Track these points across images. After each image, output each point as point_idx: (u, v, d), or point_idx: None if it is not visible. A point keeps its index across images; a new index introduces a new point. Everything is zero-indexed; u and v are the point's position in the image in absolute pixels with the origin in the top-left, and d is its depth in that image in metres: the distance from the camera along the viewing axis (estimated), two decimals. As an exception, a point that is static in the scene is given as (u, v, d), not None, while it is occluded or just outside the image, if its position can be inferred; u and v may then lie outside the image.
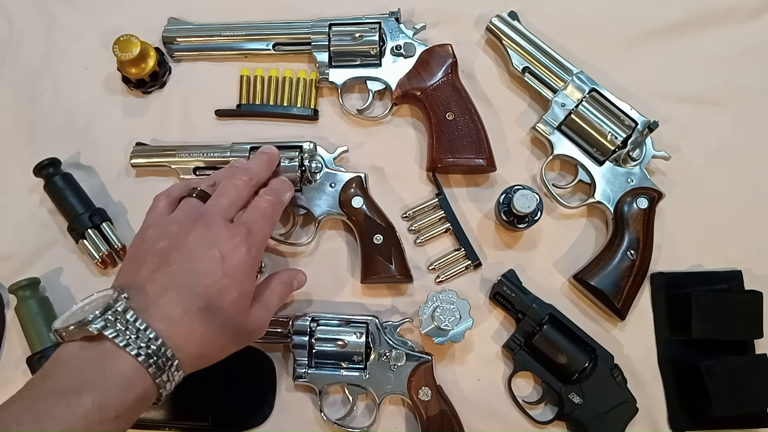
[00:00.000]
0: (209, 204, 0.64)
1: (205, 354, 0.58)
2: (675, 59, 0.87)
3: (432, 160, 0.81)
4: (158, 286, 0.57)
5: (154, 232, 0.62)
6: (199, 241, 0.59)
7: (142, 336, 0.53)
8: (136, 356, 0.52)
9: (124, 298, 0.54)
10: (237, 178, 0.67)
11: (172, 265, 0.58)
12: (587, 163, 0.80)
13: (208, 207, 0.64)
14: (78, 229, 0.80)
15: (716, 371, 0.73)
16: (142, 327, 0.53)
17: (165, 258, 0.58)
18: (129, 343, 0.52)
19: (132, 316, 0.53)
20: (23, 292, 0.78)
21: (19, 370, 0.79)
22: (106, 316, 0.52)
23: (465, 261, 0.81)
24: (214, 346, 0.59)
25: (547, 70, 0.82)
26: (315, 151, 0.81)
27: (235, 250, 0.60)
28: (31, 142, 0.86)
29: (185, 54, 0.88)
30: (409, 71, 0.83)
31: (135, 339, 0.52)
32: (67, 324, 0.53)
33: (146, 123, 0.87)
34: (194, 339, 0.56)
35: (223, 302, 0.58)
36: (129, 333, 0.52)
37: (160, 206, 0.66)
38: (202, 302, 0.57)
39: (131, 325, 0.53)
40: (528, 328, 0.77)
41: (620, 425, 0.74)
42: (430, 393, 0.74)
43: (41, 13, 0.90)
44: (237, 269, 0.60)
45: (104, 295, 0.55)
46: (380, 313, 0.80)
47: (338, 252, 0.83)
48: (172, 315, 0.55)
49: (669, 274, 0.81)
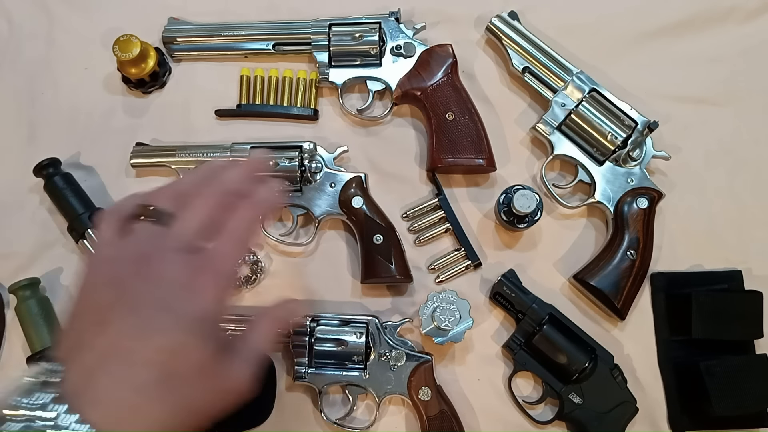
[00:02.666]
0: (172, 231, 0.48)
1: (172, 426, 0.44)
2: (675, 59, 0.87)
3: (432, 160, 0.81)
4: (96, 356, 0.43)
5: (95, 275, 0.47)
6: (151, 288, 0.45)
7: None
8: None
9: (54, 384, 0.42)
10: (209, 194, 0.50)
11: (115, 325, 0.43)
12: (587, 163, 0.80)
13: (170, 235, 0.47)
14: (78, 229, 0.80)
15: (716, 371, 0.73)
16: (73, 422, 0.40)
17: (105, 316, 0.44)
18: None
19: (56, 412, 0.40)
20: (23, 292, 0.78)
21: (19, 370, 0.79)
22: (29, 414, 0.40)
23: (465, 261, 0.81)
24: (180, 426, 0.44)
25: (547, 70, 0.82)
26: (315, 151, 0.81)
27: (198, 296, 0.46)
28: (31, 142, 0.86)
29: (185, 54, 0.88)
30: (409, 71, 0.83)
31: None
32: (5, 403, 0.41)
33: (146, 123, 0.87)
34: (150, 423, 0.42)
35: (184, 367, 0.44)
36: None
37: (104, 233, 0.49)
38: (156, 372, 0.43)
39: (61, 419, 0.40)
40: (528, 328, 0.77)
41: (620, 425, 0.74)
42: (430, 393, 0.74)
43: (41, 13, 0.90)
44: (201, 322, 0.45)
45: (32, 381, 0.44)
46: (380, 313, 0.80)
47: (338, 252, 0.83)
48: (116, 396, 0.42)
49: (669, 274, 0.80)
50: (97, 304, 0.45)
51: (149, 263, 0.46)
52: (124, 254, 0.47)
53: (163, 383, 0.43)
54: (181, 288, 0.46)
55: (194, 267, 0.47)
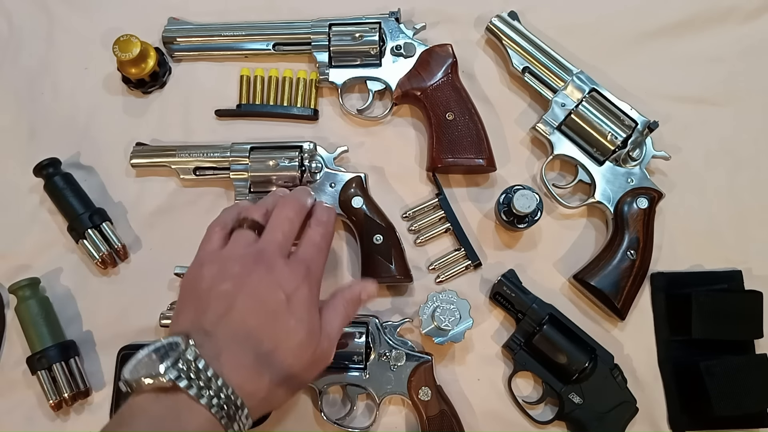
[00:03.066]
0: (266, 240, 0.62)
1: (270, 398, 0.57)
2: (675, 59, 0.87)
3: (432, 160, 0.81)
4: (228, 331, 0.55)
5: (212, 270, 0.60)
6: (264, 282, 0.58)
7: (213, 386, 0.51)
8: (209, 407, 0.50)
9: (192, 346, 0.52)
10: (289, 209, 0.64)
11: (240, 309, 0.56)
12: (587, 163, 0.80)
13: (266, 244, 0.61)
14: (78, 229, 0.80)
15: (716, 371, 0.73)
16: (213, 376, 0.52)
17: (231, 301, 0.57)
18: (202, 394, 0.50)
19: (203, 364, 0.52)
20: (23, 292, 0.78)
21: (19, 370, 0.79)
22: (179, 366, 0.51)
23: (465, 261, 0.81)
24: (280, 388, 0.57)
25: (547, 70, 0.82)
26: (315, 151, 0.81)
27: (298, 291, 0.59)
28: (31, 142, 0.86)
29: (185, 54, 0.88)
30: (409, 71, 0.83)
31: (207, 389, 0.51)
32: (137, 375, 0.51)
33: (146, 123, 0.87)
34: (263, 386, 0.55)
35: (291, 343, 0.57)
36: (201, 383, 0.51)
37: (215, 239, 0.63)
38: (271, 346, 0.56)
39: (202, 374, 0.51)
40: (528, 328, 0.77)
41: (620, 425, 0.74)
42: (430, 393, 0.74)
43: (41, 13, 0.90)
44: (302, 308, 0.58)
45: (171, 342, 0.53)
46: (380, 313, 0.80)
47: (338, 252, 0.83)
48: (244, 362, 0.54)
49: (669, 274, 0.80)
50: (221, 291, 0.57)
51: (259, 264, 0.59)
52: (235, 253, 0.61)
53: (276, 355, 0.56)
54: (286, 283, 0.58)
55: (291, 269, 0.60)
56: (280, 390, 0.57)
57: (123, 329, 0.80)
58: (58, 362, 0.76)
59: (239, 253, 0.61)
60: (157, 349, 0.52)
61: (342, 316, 0.64)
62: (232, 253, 0.61)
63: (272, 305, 0.57)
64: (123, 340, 0.79)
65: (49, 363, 0.75)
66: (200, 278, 0.60)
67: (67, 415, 0.78)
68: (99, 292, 0.82)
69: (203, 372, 0.51)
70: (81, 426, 0.78)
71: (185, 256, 0.81)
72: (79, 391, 0.76)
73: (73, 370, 0.77)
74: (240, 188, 0.80)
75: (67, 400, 0.76)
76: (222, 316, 0.56)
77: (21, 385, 0.79)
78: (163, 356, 0.51)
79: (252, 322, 0.56)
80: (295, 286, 0.59)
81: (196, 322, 0.57)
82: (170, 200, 0.84)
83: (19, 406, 0.78)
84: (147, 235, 0.84)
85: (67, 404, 0.76)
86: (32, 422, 0.78)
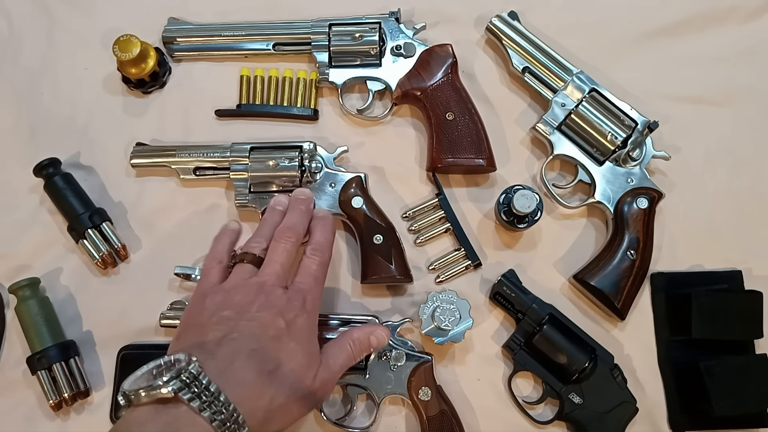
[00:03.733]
0: (265, 272, 0.65)
1: (270, 419, 0.58)
2: (675, 59, 0.87)
3: (432, 160, 0.81)
4: (229, 350, 0.57)
5: (215, 300, 0.63)
6: (264, 310, 0.61)
7: (215, 401, 0.52)
8: (211, 421, 0.51)
9: (195, 361, 0.53)
10: (285, 240, 0.67)
11: (242, 332, 0.59)
12: (587, 163, 0.80)
13: (266, 276, 0.64)
14: (78, 229, 0.80)
15: (716, 371, 0.73)
16: (216, 391, 0.52)
17: (233, 326, 0.59)
18: (204, 408, 0.51)
19: (206, 379, 0.52)
20: (23, 292, 0.78)
21: (19, 370, 0.79)
22: (182, 378, 0.51)
23: (465, 261, 0.81)
24: (280, 410, 0.58)
25: (547, 70, 0.82)
26: (315, 151, 0.81)
27: (297, 318, 0.62)
28: (31, 142, 0.86)
29: (185, 54, 0.88)
30: (409, 71, 0.83)
31: (209, 404, 0.51)
32: (137, 387, 0.51)
33: (146, 123, 0.87)
34: (263, 404, 0.56)
35: (292, 365, 0.60)
36: (204, 397, 0.51)
37: (214, 273, 0.67)
38: (273, 365, 0.58)
39: (206, 390, 0.52)
40: (528, 328, 0.77)
41: (620, 425, 0.74)
42: (430, 393, 0.74)
43: (41, 13, 0.90)
44: (302, 334, 0.62)
45: (173, 359, 0.54)
46: (380, 313, 0.80)
47: (338, 252, 0.83)
48: (246, 379, 0.56)
49: (669, 274, 0.80)
50: (223, 317, 0.60)
51: (259, 295, 0.62)
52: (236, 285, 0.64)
53: (277, 375, 0.58)
54: (285, 311, 0.62)
55: (290, 299, 0.63)
56: (280, 413, 0.58)
57: (123, 329, 0.80)
58: (58, 362, 0.76)
59: (239, 286, 0.64)
60: (159, 365, 0.54)
61: (347, 354, 0.67)
62: (233, 285, 0.64)
63: (273, 331, 0.60)
64: (123, 340, 0.79)
65: (49, 363, 0.75)
66: (202, 309, 0.62)
67: (67, 415, 0.78)
68: (99, 292, 0.82)
69: (206, 387, 0.52)
70: (81, 426, 0.78)
71: (185, 256, 0.82)
72: (79, 391, 0.77)
73: (73, 370, 0.77)
74: (240, 188, 0.80)
75: (67, 400, 0.76)
76: (223, 338, 0.58)
77: (21, 385, 0.79)
78: (164, 371, 0.52)
79: (253, 344, 0.58)
80: (295, 315, 0.62)
81: (197, 344, 0.58)
82: (170, 200, 0.84)
83: (19, 406, 0.78)
84: (147, 235, 0.84)
85: (67, 404, 0.76)
86: (32, 422, 0.78)
